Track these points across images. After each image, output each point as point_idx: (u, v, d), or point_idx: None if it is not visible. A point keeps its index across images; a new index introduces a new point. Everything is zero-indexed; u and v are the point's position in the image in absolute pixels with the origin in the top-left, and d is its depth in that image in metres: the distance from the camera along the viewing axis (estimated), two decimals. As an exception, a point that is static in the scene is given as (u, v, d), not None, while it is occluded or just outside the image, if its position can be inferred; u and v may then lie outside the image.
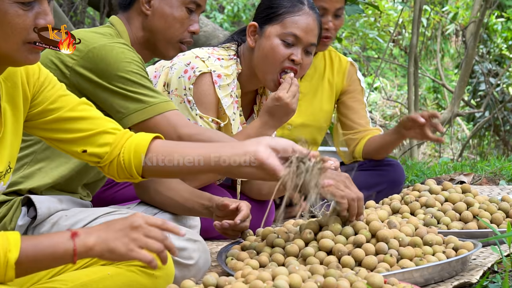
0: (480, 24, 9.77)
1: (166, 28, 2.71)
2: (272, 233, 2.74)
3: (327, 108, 4.04)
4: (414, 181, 5.32)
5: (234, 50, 3.25)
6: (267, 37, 3.14)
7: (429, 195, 3.27)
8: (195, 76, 3.10)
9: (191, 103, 3.09)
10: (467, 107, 12.05)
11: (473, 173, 5.31)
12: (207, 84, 3.12)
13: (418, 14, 9.28)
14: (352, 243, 2.57)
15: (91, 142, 2.09)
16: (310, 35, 3.15)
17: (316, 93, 3.97)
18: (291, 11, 3.14)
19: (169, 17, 2.71)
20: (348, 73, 4.04)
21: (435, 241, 2.66)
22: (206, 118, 3.10)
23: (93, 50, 2.52)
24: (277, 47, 3.12)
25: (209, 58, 3.15)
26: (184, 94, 3.10)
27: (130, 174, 2.12)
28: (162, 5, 2.69)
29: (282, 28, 3.13)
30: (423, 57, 13.00)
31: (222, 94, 3.13)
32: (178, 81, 3.11)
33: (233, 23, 13.41)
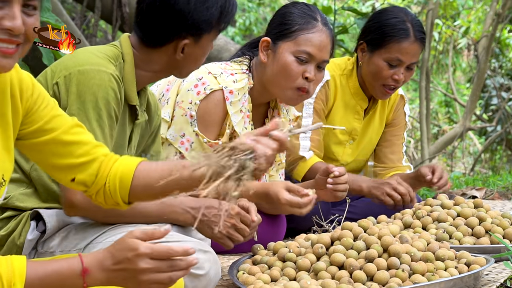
0: (492, 38, 9.76)
1: (194, 66, 2.70)
2: (283, 247, 2.73)
3: (374, 141, 4.04)
4: (425, 196, 5.31)
5: (246, 64, 3.26)
6: (280, 54, 3.15)
7: (441, 210, 3.26)
8: (205, 93, 3.10)
9: (193, 118, 3.10)
10: (479, 121, 12.03)
11: (485, 188, 5.30)
12: (215, 102, 3.12)
13: (430, 28, 9.28)
14: (364, 258, 2.57)
15: (81, 170, 2.06)
16: (323, 52, 3.17)
17: (367, 130, 3.96)
18: (305, 28, 3.15)
19: (199, 58, 2.66)
20: (396, 106, 4.03)
21: (447, 256, 2.64)
22: (202, 137, 3.11)
23: (77, 72, 2.51)
24: (291, 64, 3.13)
25: (222, 74, 3.15)
26: (188, 108, 3.10)
27: (117, 202, 2.11)
28: (195, 50, 2.64)
29: (295, 46, 3.14)
30: (435, 71, 12.99)
31: (233, 110, 3.13)
32: (187, 93, 3.12)
33: (245, 37, 13.45)
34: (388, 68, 3.68)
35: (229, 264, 2.86)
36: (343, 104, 3.85)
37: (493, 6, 9.87)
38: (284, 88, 3.16)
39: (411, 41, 3.66)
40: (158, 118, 2.86)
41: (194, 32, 2.60)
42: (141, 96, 2.73)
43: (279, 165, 3.47)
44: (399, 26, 3.67)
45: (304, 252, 2.69)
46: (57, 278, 1.73)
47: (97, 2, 7.28)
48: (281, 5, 12.31)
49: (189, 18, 2.58)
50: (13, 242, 2.42)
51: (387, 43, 3.67)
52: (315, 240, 2.72)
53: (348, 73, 3.85)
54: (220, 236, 2.71)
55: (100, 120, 2.49)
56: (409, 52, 3.66)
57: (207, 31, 2.62)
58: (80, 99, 2.47)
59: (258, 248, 2.89)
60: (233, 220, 2.71)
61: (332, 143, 3.89)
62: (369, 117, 3.94)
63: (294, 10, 3.22)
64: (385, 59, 3.68)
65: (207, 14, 2.59)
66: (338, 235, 2.69)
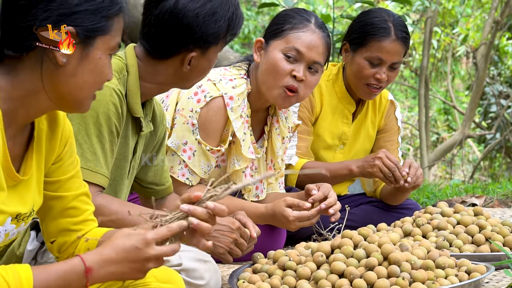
0: (491, 46, 9.78)
1: (199, 78, 2.71)
2: (283, 255, 2.73)
3: (368, 147, 4.04)
4: (425, 203, 5.30)
5: (245, 69, 3.26)
6: (271, 51, 3.15)
7: (441, 218, 3.26)
8: (205, 101, 3.10)
9: (194, 127, 3.10)
10: (478, 128, 12.03)
11: (485, 196, 5.29)
12: (215, 109, 3.12)
13: (428, 36, 9.30)
14: (364, 266, 2.56)
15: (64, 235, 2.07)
16: (314, 52, 3.15)
17: (358, 134, 3.96)
18: (296, 27, 3.16)
19: (206, 70, 2.67)
20: (387, 112, 4.02)
21: (448, 264, 2.64)
22: (204, 145, 3.11)
23: None
24: (279, 61, 3.13)
25: (221, 81, 3.15)
26: (189, 116, 3.10)
27: None
28: (202, 62, 2.64)
29: (285, 43, 3.14)
30: (434, 79, 13.00)
31: (234, 116, 3.13)
32: (187, 101, 3.12)
33: (244, 45, 13.46)
34: (369, 67, 3.69)
35: (229, 273, 2.86)
36: (331, 109, 3.86)
37: (492, 14, 9.89)
38: (272, 87, 3.15)
39: (392, 39, 3.68)
40: (163, 128, 2.86)
41: (201, 45, 2.60)
42: (146, 107, 2.73)
43: (278, 173, 3.47)
44: (380, 25, 3.70)
45: (304, 261, 2.69)
46: (62, 279, 1.74)
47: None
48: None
49: (198, 31, 2.58)
50: (12, 252, 2.42)
51: (368, 42, 3.69)
52: (315, 248, 2.72)
53: (333, 78, 3.86)
54: (222, 252, 2.72)
55: (100, 135, 2.50)
56: (389, 51, 3.67)
57: (215, 43, 2.63)
58: (81, 114, 2.47)
59: (258, 256, 2.89)
60: (234, 235, 2.72)
61: (321, 148, 3.89)
62: (359, 121, 3.94)
63: (289, 12, 3.25)
64: (366, 58, 3.69)
65: (215, 27, 2.60)
66: (338, 244, 2.69)
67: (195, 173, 3.12)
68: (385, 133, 4.03)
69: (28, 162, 1.92)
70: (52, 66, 1.82)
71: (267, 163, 3.41)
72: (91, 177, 2.49)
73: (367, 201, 3.99)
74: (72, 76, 1.83)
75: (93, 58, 1.84)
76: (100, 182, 2.51)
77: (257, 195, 3.38)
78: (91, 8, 1.82)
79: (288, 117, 3.44)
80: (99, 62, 1.85)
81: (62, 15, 1.80)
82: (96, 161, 2.49)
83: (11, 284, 1.67)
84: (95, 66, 1.84)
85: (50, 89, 1.84)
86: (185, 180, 3.11)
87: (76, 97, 1.86)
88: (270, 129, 3.38)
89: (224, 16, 2.61)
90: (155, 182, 2.87)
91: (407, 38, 3.74)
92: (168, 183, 2.92)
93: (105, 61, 1.86)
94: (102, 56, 1.85)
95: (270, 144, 3.38)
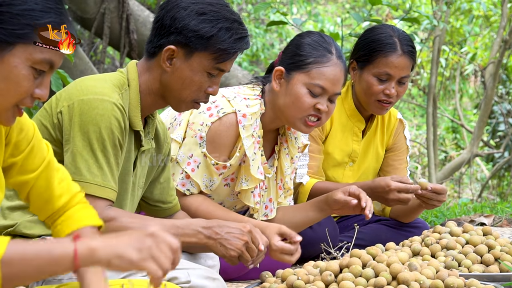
0: (499, 64, 9.78)
1: (182, 89, 2.66)
2: (292, 274, 2.72)
3: (376, 166, 4.03)
4: (433, 222, 5.29)
5: (259, 90, 3.27)
6: (293, 85, 3.15)
7: (450, 237, 3.24)
8: (218, 116, 3.11)
9: (202, 140, 3.10)
10: (486, 147, 12.01)
11: (494, 215, 5.28)
12: (227, 125, 3.12)
13: (436, 55, 9.31)
14: (372, 286, 2.55)
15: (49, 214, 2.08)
16: (336, 86, 3.18)
17: (367, 152, 3.95)
18: (319, 61, 3.15)
19: (187, 80, 2.65)
20: (396, 131, 4.02)
21: (457, 284, 2.63)
22: (210, 159, 3.11)
23: (80, 102, 2.52)
24: (304, 97, 3.14)
25: (235, 98, 3.17)
26: (198, 129, 3.11)
27: None
28: (183, 67, 2.64)
29: (309, 78, 3.14)
30: (442, 97, 13.01)
31: (245, 134, 3.14)
32: (199, 116, 3.12)
33: (252, 62, 13.50)
34: (378, 83, 3.70)
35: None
36: (341, 127, 3.86)
37: (500, 33, 9.90)
38: (294, 117, 3.17)
39: (398, 54, 3.68)
40: (167, 146, 2.87)
41: (182, 41, 2.62)
42: (148, 124, 2.74)
43: (287, 192, 3.47)
44: (386, 41, 3.70)
45: (313, 280, 2.68)
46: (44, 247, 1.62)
47: (105, 28, 7.33)
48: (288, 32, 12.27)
49: (180, 21, 2.62)
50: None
51: (375, 58, 3.70)
52: (324, 267, 2.71)
53: (343, 96, 3.86)
54: (233, 255, 2.67)
55: (104, 150, 2.51)
56: (397, 66, 3.68)
57: (196, 47, 2.62)
58: (84, 130, 2.49)
59: (266, 275, 2.88)
60: (245, 237, 2.68)
61: (331, 165, 3.89)
62: (368, 139, 3.94)
63: (309, 41, 3.22)
64: (374, 74, 3.70)
65: (199, 25, 2.61)
66: (346, 263, 2.68)
67: (197, 185, 3.12)
68: (393, 152, 4.02)
69: None
70: None
71: (277, 183, 3.41)
72: (100, 192, 2.50)
73: (376, 219, 3.98)
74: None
75: (7, 64, 1.75)
76: (109, 196, 2.52)
77: (266, 214, 3.38)
78: (14, 12, 1.75)
79: (298, 137, 3.44)
80: (13, 70, 1.76)
81: None
82: (103, 175, 2.50)
83: None
84: (9, 73, 1.76)
85: None
86: (184, 191, 3.12)
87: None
88: (279, 148, 3.38)
89: (216, 22, 2.62)
90: (161, 200, 2.87)
91: (413, 52, 3.74)
92: (175, 201, 2.92)
93: (23, 71, 1.77)
94: (19, 65, 1.76)
95: (279, 164, 3.39)
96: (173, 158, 3.11)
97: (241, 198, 3.25)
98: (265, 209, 3.37)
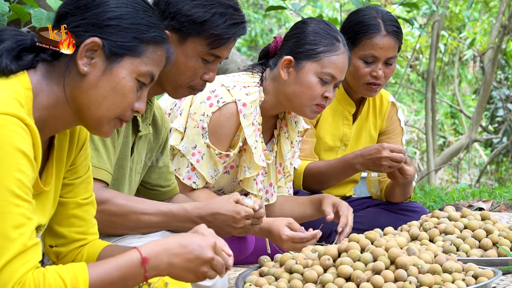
0: (498, 50, 9.76)
1: (177, 75, 2.65)
2: (290, 258, 2.73)
3: None
4: (432, 207, 5.30)
5: (258, 77, 3.26)
6: (305, 74, 3.17)
7: (448, 222, 3.25)
8: (218, 106, 3.10)
9: (204, 130, 3.10)
10: (485, 132, 12.01)
11: (492, 200, 5.29)
12: (227, 114, 3.12)
13: (435, 40, 9.29)
14: (371, 270, 2.56)
15: (64, 244, 2.08)
16: (344, 74, 3.23)
17: (360, 136, 3.96)
18: (329, 50, 3.17)
19: (181, 65, 2.64)
20: (389, 114, 4.02)
21: (455, 268, 2.64)
22: (213, 149, 3.11)
23: None
24: (315, 85, 3.16)
25: (235, 87, 3.16)
26: (200, 120, 3.10)
27: None
28: (177, 52, 2.62)
29: (320, 67, 3.16)
30: (441, 83, 12.99)
31: (246, 123, 3.13)
32: (199, 106, 3.12)
33: (250, 48, 13.47)
34: (364, 66, 3.70)
35: (236, 276, 2.86)
36: (331, 111, 3.86)
37: (499, 18, 9.87)
38: (304, 106, 3.19)
39: (382, 35, 3.68)
40: (165, 131, 2.86)
41: (175, 25, 2.61)
42: (146, 109, 2.73)
43: (287, 177, 3.47)
44: (369, 22, 3.70)
45: (311, 264, 2.69)
46: (118, 276, 1.74)
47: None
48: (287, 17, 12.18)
49: (173, 7, 2.61)
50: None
51: (360, 41, 3.70)
52: (322, 252, 2.72)
53: None
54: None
55: None
56: (382, 47, 3.68)
57: (189, 32, 2.61)
58: None
59: (265, 259, 2.89)
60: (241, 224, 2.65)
61: (323, 150, 3.89)
62: (360, 122, 3.94)
63: (317, 29, 3.22)
64: (360, 57, 3.70)
65: (192, 10, 2.60)
66: (345, 247, 2.68)
67: (202, 177, 3.12)
68: (387, 135, 4.02)
69: (49, 172, 1.93)
70: (75, 74, 1.83)
71: (276, 167, 3.41)
72: (94, 173, 2.48)
73: (374, 204, 3.98)
74: (93, 89, 1.83)
75: (116, 75, 1.83)
76: (104, 177, 2.51)
77: (267, 199, 3.38)
78: (123, 25, 1.83)
79: (298, 121, 3.44)
80: (121, 81, 1.84)
81: (93, 25, 1.82)
82: (98, 157, 2.49)
83: (67, 282, 1.67)
84: (116, 84, 1.83)
85: (71, 99, 1.84)
86: (191, 184, 3.11)
87: (95, 113, 1.85)
88: (279, 132, 3.38)
89: (207, 8, 2.61)
90: (160, 184, 2.87)
91: (398, 32, 3.73)
92: (174, 185, 2.92)
93: (130, 83, 1.84)
94: (126, 77, 1.84)
95: (279, 148, 3.39)
96: (175, 149, 3.10)
97: (244, 186, 3.24)
98: (266, 193, 3.37)
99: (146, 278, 1.76)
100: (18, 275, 1.63)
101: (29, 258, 1.65)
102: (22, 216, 1.66)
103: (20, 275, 1.63)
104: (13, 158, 1.66)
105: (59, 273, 1.68)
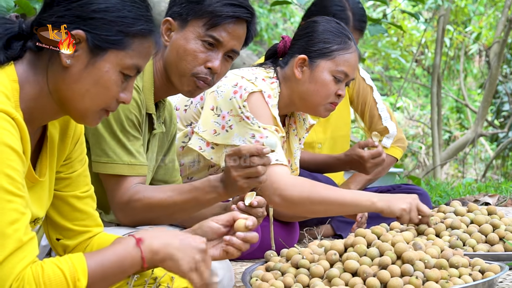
0: (504, 44, 9.74)
1: (178, 61, 2.64)
2: (296, 253, 2.73)
3: (345, 115, 4.16)
4: (438, 202, 5.29)
5: (272, 72, 3.26)
6: (319, 72, 3.18)
7: (455, 217, 3.24)
8: (247, 92, 3.08)
9: (250, 118, 3.06)
10: (491, 127, 12.00)
11: (498, 194, 5.28)
12: (259, 100, 3.11)
13: (441, 34, 9.27)
14: (377, 265, 2.56)
15: (71, 237, 2.09)
16: (355, 72, 3.27)
17: (327, 129, 4.03)
18: (343, 48, 3.20)
19: (181, 49, 2.63)
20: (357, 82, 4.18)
21: (461, 263, 2.63)
22: (270, 127, 3.08)
23: None
24: (329, 83, 3.19)
25: (256, 79, 3.16)
26: (241, 112, 3.06)
27: None
28: (178, 37, 2.63)
29: (334, 65, 3.18)
30: (446, 77, 12.97)
31: (275, 112, 3.15)
32: (230, 102, 3.08)
33: (255, 42, 13.46)
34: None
35: (242, 271, 2.86)
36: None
37: (505, 12, 9.85)
38: (319, 104, 3.21)
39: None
40: (174, 127, 2.86)
41: (177, 10, 2.65)
42: (159, 108, 2.73)
43: (293, 173, 3.47)
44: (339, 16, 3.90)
45: (318, 259, 2.69)
46: (115, 260, 1.76)
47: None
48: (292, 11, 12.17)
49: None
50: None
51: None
52: (329, 246, 2.72)
53: None
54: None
55: (124, 130, 2.52)
56: None
57: (188, 13, 2.63)
58: (116, 113, 2.52)
59: (271, 254, 2.89)
60: None
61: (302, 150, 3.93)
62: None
63: (329, 27, 3.24)
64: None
65: None
66: (351, 242, 2.68)
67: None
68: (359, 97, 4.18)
69: (43, 163, 1.93)
70: (58, 66, 1.81)
71: (286, 164, 3.41)
72: (129, 170, 2.54)
73: (379, 190, 4.03)
74: (76, 82, 1.81)
75: (99, 69, 1.81)
76: (139, 172, 2.56)
77: None
78: (108, 18, 1.81)
79: (306, 118, 3.45)
80: (104, 75, 1.82)
81: (78, 17, 1.80)
82: (129, 155, 2.53)
83: (66, 272, 1.68)
84: (99, 78, 1.82)
85: (54, 90, 1.83)
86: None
87: (78, 106, 1.84)
88: (288, 130, 3.38)
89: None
90: (164, 180, 2.87)
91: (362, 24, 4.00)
92: (178, 181, 2.92)
93: (113, 77, 1.83)
94: (110, 70, 1.82)
95: (288, 145, 3.38)
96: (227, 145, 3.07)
97: None
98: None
99: (144, 260, 1.77)
100: (17, 271, 1.64)
101: (26, 253, 1.65)
102: (15, 211, 1.66)
103: (18, 271, 1.64)
104: (2, 154, 1.66)
105: (57, 264, 1.69)
